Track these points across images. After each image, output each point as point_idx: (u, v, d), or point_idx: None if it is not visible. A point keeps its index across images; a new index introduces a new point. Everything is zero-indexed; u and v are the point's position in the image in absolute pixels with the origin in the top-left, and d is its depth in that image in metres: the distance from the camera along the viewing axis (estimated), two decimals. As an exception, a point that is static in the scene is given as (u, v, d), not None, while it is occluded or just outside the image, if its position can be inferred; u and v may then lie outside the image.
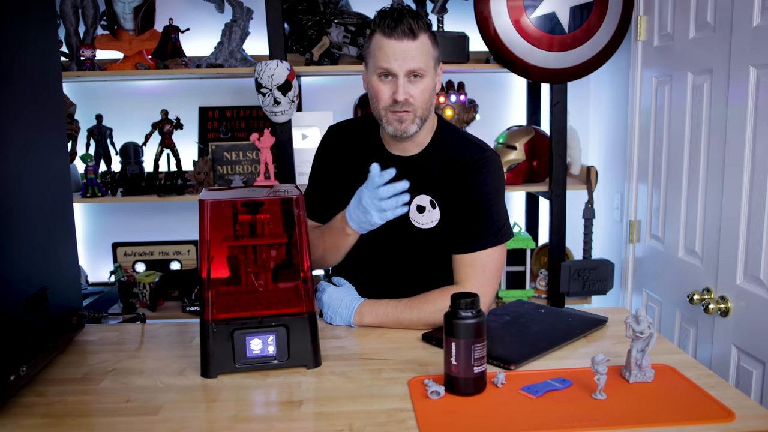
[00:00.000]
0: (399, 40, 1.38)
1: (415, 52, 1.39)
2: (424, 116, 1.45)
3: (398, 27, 1.37)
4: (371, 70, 1.44)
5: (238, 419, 1.06)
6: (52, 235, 1.30)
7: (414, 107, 1.42)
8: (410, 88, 1.41)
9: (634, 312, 1.15)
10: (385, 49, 1.39)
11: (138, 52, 2.50)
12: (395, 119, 1.43)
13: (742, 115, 1.70)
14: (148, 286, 2.60)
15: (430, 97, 1.44)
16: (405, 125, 1.43)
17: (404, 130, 1.44)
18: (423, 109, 1.44)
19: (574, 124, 2.60)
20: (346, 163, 1.57)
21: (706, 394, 1.09)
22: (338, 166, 1.58)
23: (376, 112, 1.47)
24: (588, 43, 2.28)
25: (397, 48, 1.38)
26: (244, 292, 1.28)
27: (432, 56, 1.43)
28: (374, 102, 1.46)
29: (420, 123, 1.45)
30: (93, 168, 2.44)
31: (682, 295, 2.00)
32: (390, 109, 1.43)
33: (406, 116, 1.42)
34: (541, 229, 2.86)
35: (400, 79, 1.40)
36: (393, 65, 1.39)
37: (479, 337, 1.09)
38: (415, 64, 1.39)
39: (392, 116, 1.43)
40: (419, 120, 1.44)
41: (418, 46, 1.39)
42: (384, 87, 1.42)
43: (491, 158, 1.48)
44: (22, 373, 1.11)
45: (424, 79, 1.42)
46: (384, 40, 1.39)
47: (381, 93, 1.43)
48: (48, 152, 1.30)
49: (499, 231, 1.45)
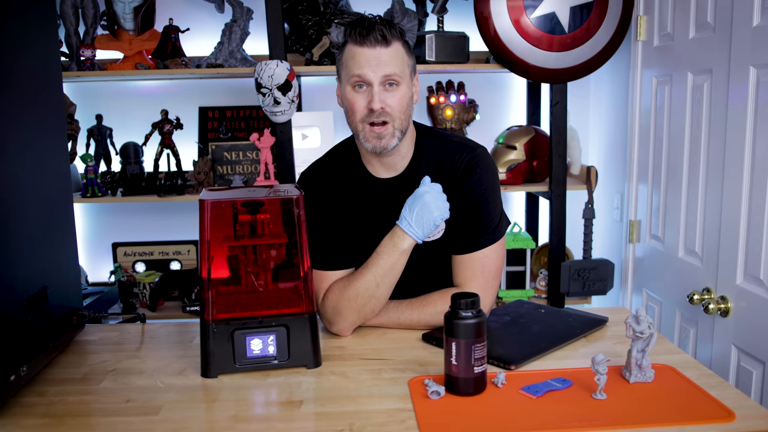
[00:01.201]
0: (372, 48, 1.33)
1: (388, 58, 1.34)
2: (403, 128, 1.38)
3: (370, 34, 1.32)
4: (344, 82, 1.38)
5: (238, 419, 1.06)
6: (52, 235, 1.30)
7: (392, 117, 1.36)
8: (386, 97, 1.35)
9: (634, 312, 1.15)
10: (357, 58, 1.34)
11: (138, 52, 2.50)
12: (373, 136, 1.37)
13: (742, 115, 1.70)
14: (148, 286, 2.60)
15: (407, 107, 1.38)
16: (384, 141, 1.37)
17: (384, 146, 1.37)
18: (401, 120, 1.37)
19: (574, 124, 2.60)
20: (334, 202, 1.47)
21: (706, 394, 1.09)
22: (329, 208, 1.47)
23: (353, 127, 1.40)
24: (588, 43, 2.28)
25: (370, 55, 1.33)
26: (244, 292, 1.28)
27: (407, 64, 1.38)
28: (350, 115, 1.39)
29: (400, 135, 1.38)
30: (93, 168, 2.44)
31: (682, 295, 2.00)
32: (367, 121, 1.36)
33: (384, 131, 1.36)
34: (541, 229, 2.86)
35: (375, 87, 1.34)
36: (366, 72, 1.33)
37: (479, 337, 1.09)
38: (389, 70, 1.34)
39: (370, 132, 1.37)
40: (399, 132, 1.38)
41: (391, 52, 1.34)
42: (359, 97, 1.36)
43: (482, 156, 1.46)
44: (22, 373, 1.11)
45: (401, 87, 1.36)
46: (356, 49, 1.34)
47: (356, 104, 1.36)
48: (48, 152, 1.30)
49: (496, 228, 1.45)
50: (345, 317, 1.39)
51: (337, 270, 1.44)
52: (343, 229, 1.45)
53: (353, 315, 1.39)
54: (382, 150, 1.39)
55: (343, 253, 1.45)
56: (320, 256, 1.45)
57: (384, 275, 1.37)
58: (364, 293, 1.37)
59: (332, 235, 1.46)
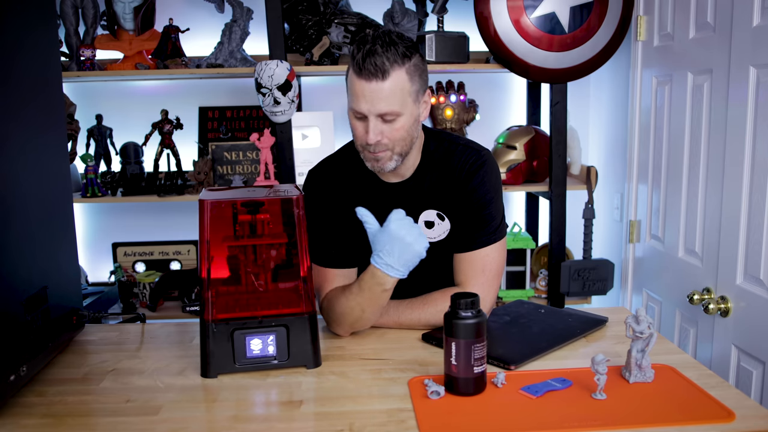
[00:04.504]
0: (368, 81, 1.29)
1: (385, 94, 1.30)
2: (403, 152, 1.38)
3: (366, 65, 1.28)
4: (348, 103, 1.38)
5: (238, 419, 1.06)
6: (52, 235, 1.30)
7: (389, 146, 1.35)
8: (383, 129, 1.33)
9: (634, 312, 1.15)
10: (355, 89, 1.32)
11: (138, 52, 2.50)
12: (372, 158, 1.37)
13: (742, 115, 1.70)
14: (148, 286, 2.60)
15: (408, 134, 1.36)
16: (381, 163, 1.37)
17: (381, 167, 1.38)
18: (401, 146, 1.36)
19: (574, 124, 2.60)
20: (341, 201, 1.46)
21: (706, 394, 1.09)
22: (334, 208, 1.46)
23: (356, 147, 1.41)
24: (588, 43, 2.28)
25: (366, 89, 1.30)
26: (244, 292, 1.28)
27: (408, 92, 1.33)
28: (353, 136, 1.40)
29: (399, 159, 1.38)
30: (93, 168, 2.44)
31: (682, 295, 2.00)
32: (366, 149, 1.37)
33: (382, 155, 1.36)
34: (541, 229, 2.86)
35: (371, 122, 1.32)
36: (363, 107, 1.32)
37: (479, 337, 1.09)
38: (385, 108, 1.30)
39: (369, 155, 1.37)
40: (398, 156, 1.37)
41: (389, 86, 1.29)
42: (358, 125, 1.36)
43: (487, 157, 1.47)
44: (22, 373, 1.11)
45: (400, 118, 1.33)
46: (354, 79, 1.31)
47: (356, 131, 1.37)
48: (48, 152, 1.30)
49: (497, 228, 1.46)
50: (340, 325, 1.40)
51: (338, 268, 1.45)
52: (348, 229, 1.45)
53: (347, 326, 1.40)
54: (380, 170, 1.40)
55: (346, 252, 1.46)
56: (323, 253, 1.46)
57: (369, 306, 1.35)
58: (350, 314, 1.37)
59: (336, 233, 1.46)
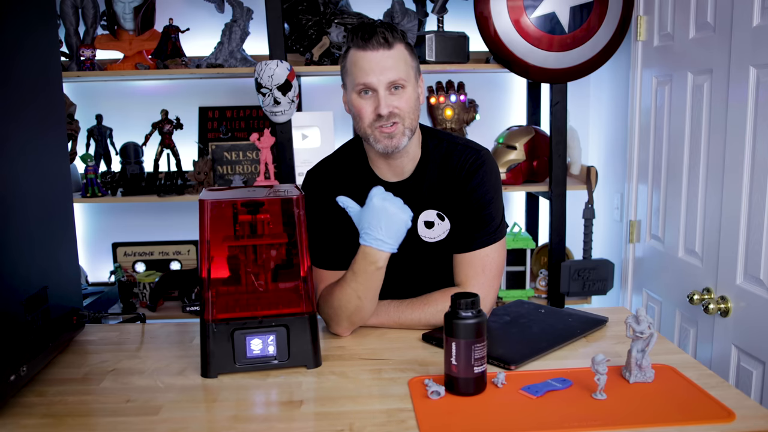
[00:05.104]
0: (375, 51, 1.32)
1: (393, 62, 1.33)
2: (412, 127, 1.39)
3: (372, 38, 1.31)
4: (350, 89, 1.38)
5: (238, 419, 1.06)
6: (52, 235, 1.30)
7: (401, 117, 1.36)
8: (393, 100, 1.35)
9: (634, 312, 1.15)
10: (361, 64, 1.33)
11: (138, 52, 2.50)
12: (384, 136, 1.36)
13: (742, 115, 1.70)
14: (148, 286, 2.60)
15: (415, 108, 1.38)
16: (395, 141, 1.37)
17: (395, 145, 1.37)
18: (411, 119, 1.38)
19: (574, 124, 2.60)
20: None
21: (706, 394, 1.09)
22: (332, 209, 1.42)
23: (362, 132, 1.40)
24: (588, 43, 2.28)
25: (373, 59, 1.32)
26: (244, 292, 1.28)
27: (411, 66, 1.37)
28: (358, 122, 1.39)
29: (410, 134, 1.38)
30: (93, 168, 2.44)
31: (682, 295, 2.00)
32: (376, 126, 1.36)
33: (394, 130, 1.36)
34: (541, 229, 2.86)
35: (381, 92, 1.33)
36: (371, 79, 1.33)
37: (479, 337, 1.09)
38: (394, 75, 1.33)
39: (380, 133, 1.36)
40: (408, 131, 1.38)
41: (395, 55, 1.33)
42: (365, 104, 1.36)
43: (486, 158, 1.47)
44: (22, 373, 1.11)
45: (407, 89, 1.36)
46: (359, 54, 1.33)
47: (363, 110, 1.36)
48: (48, 152, 1.30)
49: (497, 229, 1.46)
50: (338, 322, 1.40)
51: (337, 270, 1.44)
52: (346, 230, 1.44)
53: (345, 321, 1.39)
54: (394, 150, 1.38)
55: (345, 254, 1.45)
56: (321, 255, 1.45)
57: (365, 290, 1.35)
58: (347, 305, 1.37)
59: (334, 234, 1.46)
